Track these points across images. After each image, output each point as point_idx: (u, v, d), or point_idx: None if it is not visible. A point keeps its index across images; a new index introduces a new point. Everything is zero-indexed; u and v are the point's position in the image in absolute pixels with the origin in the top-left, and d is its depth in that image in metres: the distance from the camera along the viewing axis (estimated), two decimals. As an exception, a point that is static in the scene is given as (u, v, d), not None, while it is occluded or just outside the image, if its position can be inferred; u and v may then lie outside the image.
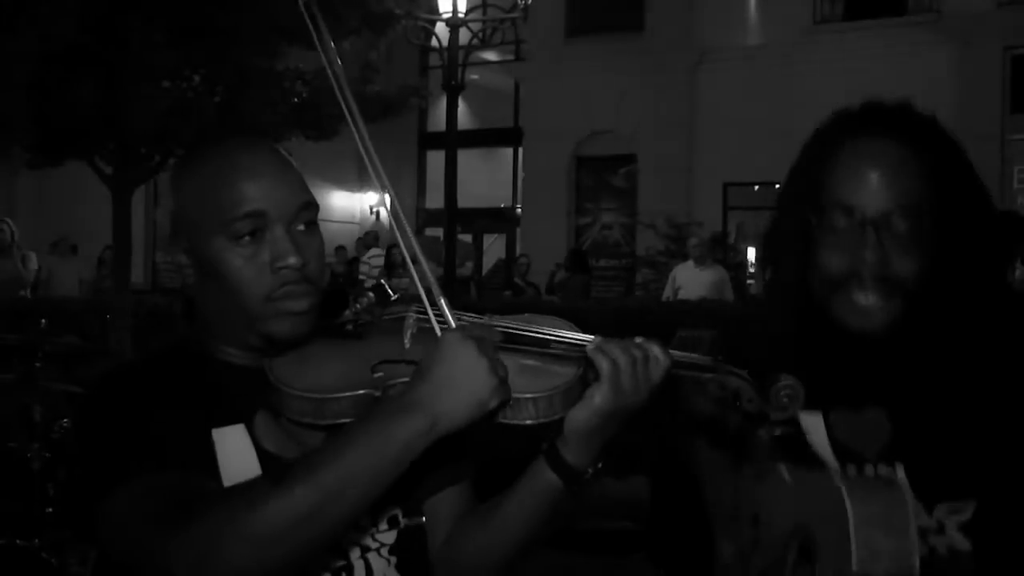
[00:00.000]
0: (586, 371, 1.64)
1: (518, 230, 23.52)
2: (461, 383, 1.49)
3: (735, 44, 20.42)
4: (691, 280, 12.98)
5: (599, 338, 1.65)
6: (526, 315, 1.74)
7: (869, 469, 2.02)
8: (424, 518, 1.90)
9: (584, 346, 1.65)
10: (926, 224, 1.87)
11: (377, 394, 1.63)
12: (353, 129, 1.70)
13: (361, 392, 1.62)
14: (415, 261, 1.66)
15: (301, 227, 1.75)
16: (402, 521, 1.84)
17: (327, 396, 1.62)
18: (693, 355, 1.66)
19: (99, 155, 11.01)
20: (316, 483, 1.45)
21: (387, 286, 1.84)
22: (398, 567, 1.83)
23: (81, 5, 9.26)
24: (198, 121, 10.45)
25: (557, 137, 21.33)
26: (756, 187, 20.66)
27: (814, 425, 2.00)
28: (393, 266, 16.06)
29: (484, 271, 23.22)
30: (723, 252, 17.42)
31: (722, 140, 19.89)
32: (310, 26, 1.72)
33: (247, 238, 1.70)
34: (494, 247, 24.49)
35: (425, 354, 1.55)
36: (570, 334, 1.67)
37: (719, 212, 20.62)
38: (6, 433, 5.42)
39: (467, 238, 23.21)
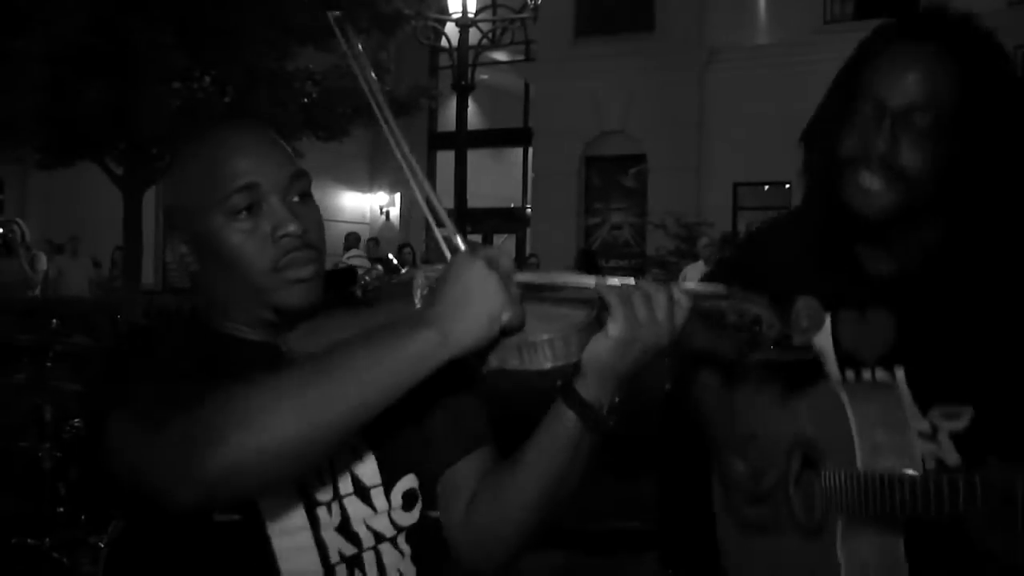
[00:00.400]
0: (601, 312, 1.61)
1: (528, 230, 23.52)
2: (471, 299, 1.46)
3: (745, 44, 20.39)
4: (701, 280, 12.96)
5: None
6: (540, 271, 1.72)
7: (867, 374, 2.10)
8: (439, 513, 1.85)
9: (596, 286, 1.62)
10: (946, 124, 1.93)
11: None
12: (387, 132, 1.69)
13: None
14: (429, 204, 1.66)
15: (296, 199, 1.75)
16: (419, 498, 1.80)
17: None
18: (708, 285, 1.63)
19: (109, 156, 11.03)
20: (323, 374, 1.42)
21: (394, 260, 1.82)
22: (414, 559, 1.78)
23: (92, 6, 9.28)
24: (208, 121, 10.46)
25: (567, 137, 21.32)
26: (766, 187, 20.63)
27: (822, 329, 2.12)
28: (404, 266, 16.03)
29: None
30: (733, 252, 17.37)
31: (732, 140, 19.85)
32: (340, 40, 1.71)
33: (244, 213, 1.70)
34: (504, 247, 24.49)
35: (437, 276, 1.53)
36: (583, 277, 1.63)
37: (729, 212, 20.59)
38: (17, 433, 5.43)
39: (477, 238, 23.22)
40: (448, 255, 1.60)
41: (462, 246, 1.61)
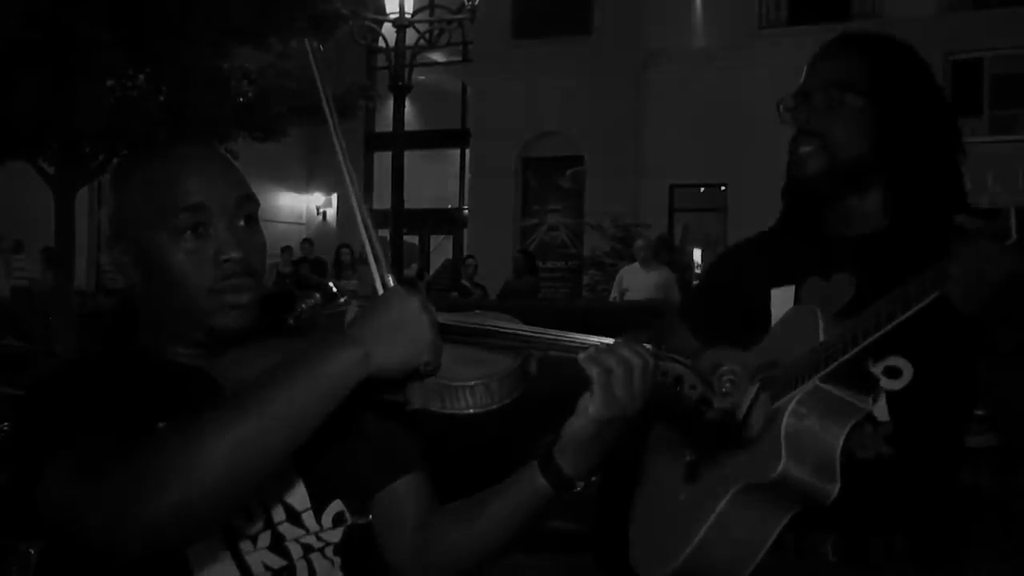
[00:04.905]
0: (526, 361, 1.62)
1: (465, 231, 23.52)
2: (400, 329, 1.51)
3: (682, 47, 20.56)
4: (638, 282, 13.02)
5: (590, 346, 1.62)
6: (476, 312, 1.73)
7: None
8: (371, 516, 1.87)
9: (524, 336, 1.63)
10: (864, 103, 2.26)
11: None
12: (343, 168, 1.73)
13: None
14: (370, 240, 1.69)
15: (242, 223, 1.77)
16: (349, 519, 1.82)
17: None
18: (635, 344, 1.62)
19: (42, 155, 10.87)
20: (250, 409, 1.45)
21: (334, 287, 1.84)
22: (343, 568, 1.79)
23: (27, 3, 9.13)
24: (143, 120, 10.35)
25: (504, 138, 21.35)
26: (702, 189, 20.83)
27: (784, 298, 2.30)
28: (341, 266, 16.01)
29: (431, 272, 23.20)
30: (669, 254, 17.49)
31: (668, 142, 20.00)
32: (315, 72, 1.75)
33: (190, 233, 1.72)
34: (440, 248, 24.47)
35: (370, 302, 1.57)
36: (513, 326, 1.65)
37: (665, 213, 20.74)
38: (-56, 436, 5.34)
39: (413, 239, 23.16)
40: (380, 289, 1.64)
41: (389, 278, 1.65)
